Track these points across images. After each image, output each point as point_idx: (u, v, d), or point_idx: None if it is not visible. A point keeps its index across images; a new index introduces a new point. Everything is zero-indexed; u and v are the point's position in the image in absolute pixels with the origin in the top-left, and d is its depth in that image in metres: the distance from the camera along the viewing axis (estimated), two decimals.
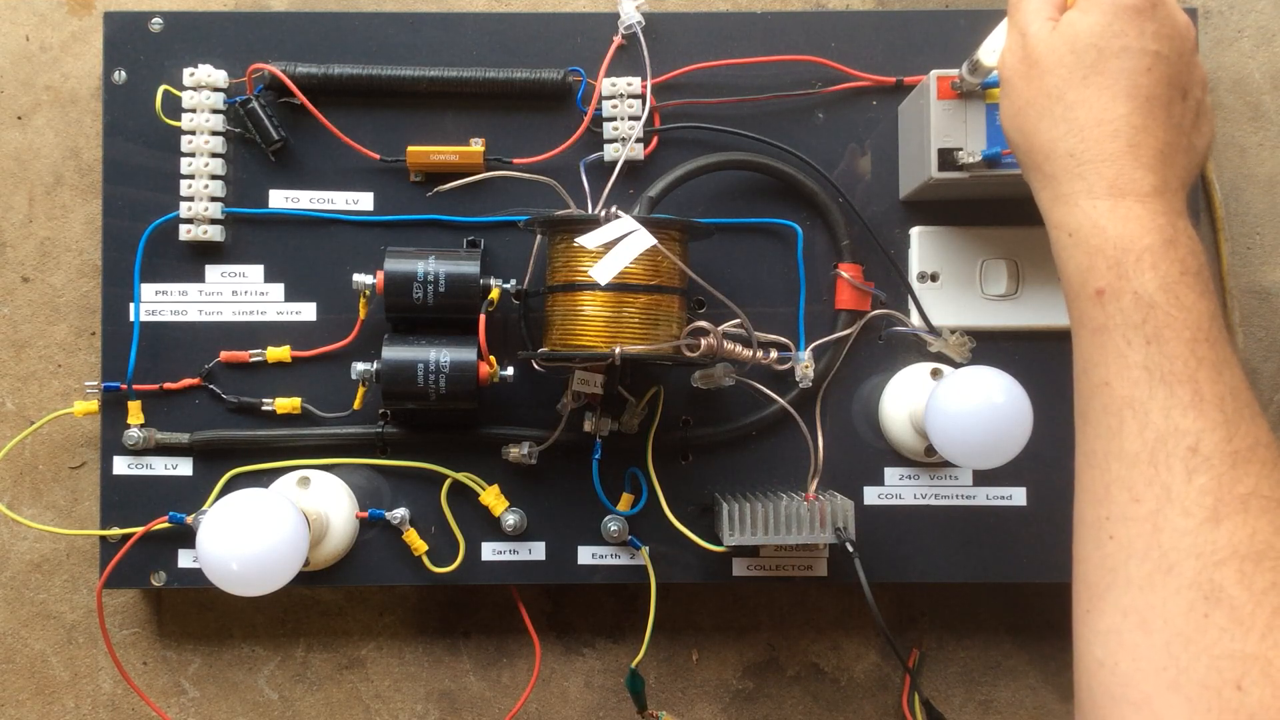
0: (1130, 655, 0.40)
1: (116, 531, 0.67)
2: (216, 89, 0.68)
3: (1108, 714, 0.40)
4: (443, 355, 0.63)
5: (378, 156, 0.68)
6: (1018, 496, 0.69)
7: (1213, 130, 0.53)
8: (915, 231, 0.69)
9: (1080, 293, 0.46)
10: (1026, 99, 0.50)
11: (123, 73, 0.69)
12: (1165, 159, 0.47)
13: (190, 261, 0.69)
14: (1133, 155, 0.47)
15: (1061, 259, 0.48)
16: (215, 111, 0.68)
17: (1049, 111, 0.49)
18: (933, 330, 0.68)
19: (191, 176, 0.67)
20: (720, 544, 0.64)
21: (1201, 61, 0.52)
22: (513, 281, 0.67)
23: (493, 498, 0.67)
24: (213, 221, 0.68)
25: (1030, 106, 0.50)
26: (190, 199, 0.68)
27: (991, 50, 0.57)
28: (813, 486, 0.65)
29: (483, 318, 0.64)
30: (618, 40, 0.69)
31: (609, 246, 0.57)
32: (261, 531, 0.57)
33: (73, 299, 0.72)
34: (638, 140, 0.68)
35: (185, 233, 0.68)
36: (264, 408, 0.68)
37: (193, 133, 0.68)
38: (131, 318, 0.68)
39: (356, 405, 0.67)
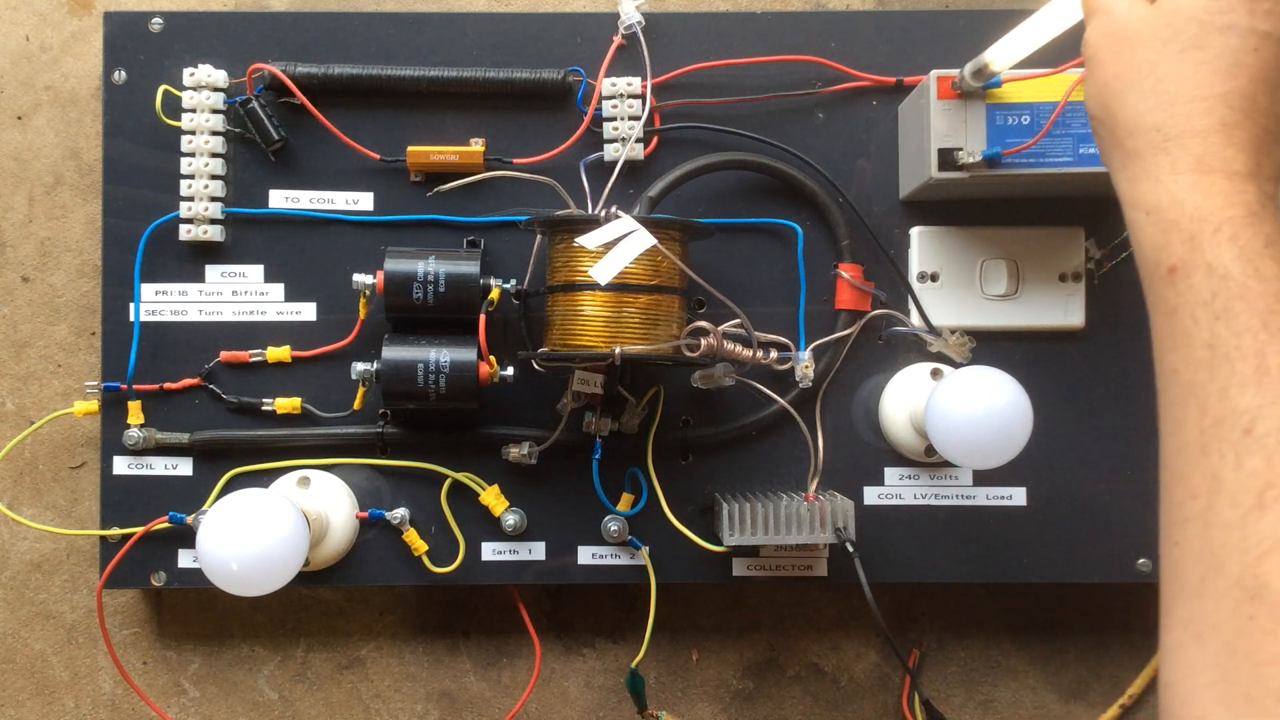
0: (1187, 672, 0.37)
1: (116, 531, 0.67)
2: (216, 89, 0.68)
3: None
4: (443, 355, 0.63)
5: (378, 156, 0.68)
6: (1018, 496, 0.69)
7: None
8: (915, 231, 0.69)
9: (1154, 273, 0.43)
10: (1114, 72, 0.47)
11: (123, 73, 0.69)
12: (1261, 146, 0.43)
13: (190, 261, 0.69)
14: (1225, 134, 0.43)
15: (1137, 240, 0.44)
16: (215, 111, 0.68)
17: (1137, 84, 0.45)
18: (933, 330, 0.68)
19: (191, 176, 0.67)
20: (720, 544, 0.64)
21: None
22: (513, 281, 0.67)
23: (493, 498, 0.67)
24: (213, 221, 0.68)
25: (1117, 79, 0.46)
26: (190, 199, 0.68)
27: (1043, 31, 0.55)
28: (813, 486, 0.65)
29: (483, 318, 0.64)
30: (618, 40, 0.69)
31: (609, 246, 0.57)
32: (261, 531, 0.57)
33: (73, 299, 0.72)
34: (638, 140, 0.68)
35: (185, 233, 0.68)
36: (264, 408, 0.68)
37: (193, 133, 0.67)
38: (131, 318, 0.68)
39: (356, 405, 0.67)
